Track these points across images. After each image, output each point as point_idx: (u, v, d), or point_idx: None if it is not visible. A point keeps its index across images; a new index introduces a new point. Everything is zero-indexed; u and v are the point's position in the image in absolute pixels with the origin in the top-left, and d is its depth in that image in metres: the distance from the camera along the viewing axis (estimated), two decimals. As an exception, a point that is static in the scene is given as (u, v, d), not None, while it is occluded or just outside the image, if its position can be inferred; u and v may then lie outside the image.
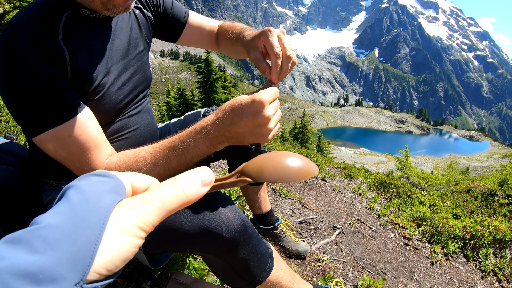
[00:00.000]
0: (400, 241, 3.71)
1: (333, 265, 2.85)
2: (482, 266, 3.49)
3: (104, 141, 1.24)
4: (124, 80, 1.40)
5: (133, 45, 1.46)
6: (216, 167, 4.93)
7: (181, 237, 1.27)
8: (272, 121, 1.03)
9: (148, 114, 1.63)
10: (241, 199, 3.40)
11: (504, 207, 7.00)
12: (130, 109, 1.48)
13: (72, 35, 1.19)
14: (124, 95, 1.40)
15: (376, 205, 4.87)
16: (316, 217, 3.83)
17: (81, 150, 1.17)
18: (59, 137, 1.14)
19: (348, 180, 6.38)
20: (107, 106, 1.33)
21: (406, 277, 3.03)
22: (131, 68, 1.43)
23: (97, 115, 1.27)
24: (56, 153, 1.17)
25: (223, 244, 1.28)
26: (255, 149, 2.09)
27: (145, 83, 1.56)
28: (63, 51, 1.15)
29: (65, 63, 1.15)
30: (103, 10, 1.20)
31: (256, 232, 1.43)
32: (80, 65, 1.20)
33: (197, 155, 1.09)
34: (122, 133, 1.46)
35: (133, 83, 1.45)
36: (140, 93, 1.53)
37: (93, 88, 1.26)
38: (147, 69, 1.57)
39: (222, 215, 1.29)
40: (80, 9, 1.22)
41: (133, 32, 1.47)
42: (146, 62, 1.56)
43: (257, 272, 1.40)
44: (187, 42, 1.80)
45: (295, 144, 15.58)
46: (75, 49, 1.19)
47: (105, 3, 1.17)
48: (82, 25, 1.24)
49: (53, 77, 1.10)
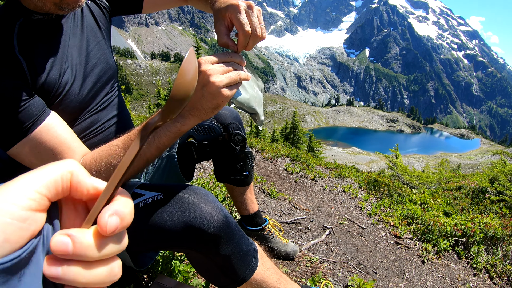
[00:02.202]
0: (391, 240, 3.68)
1: (323, 266, 2.80)
2: (474, 264, 3.47)
3: (75, 142, 1.24)
4: (85, 74, 1.40)
5: (90, 37, 1.46)
6: (204, 168, 4.87)
7: (163, 233, 1.26)
8: (213, 75, 0.99)
9: (119, 106, 1.62)
10: (229, 200, 3.34)
11: (495, 204, 7.04)
12: (99, 102, 1.49)
13: (27, 44, 1.20)
14: (88, 89, 1.41)
15: (366, 204, 4.84)
16: (306, 217, 3.79)
17: (53, 155, 1.19)
18: (30, 146, 1.15)
19: (339, 179, 6.35)
20: (73, 103, 1.34)
21: (397, 276, 3.00)
22: (91, 61, 1.43)
23: (64, 114, 1.28)
24: (31, 163, 1.19)
25: (205, 239, 1.27)
26: (240, 149, 2.06)
27: (109, 73, 1.54)
28: (20, 62, 1.15)
29: (23, 73, 1.16)
30: (56, 10, 1.20)
31: (239, 228, 1.42)
32: (39, 72, 1.21)
33: (167, 135, 1.07)
34: (94, 128, 1.47)
35: (96, 75, 1.45)
36: (106, 84, 1.53)
37: (55, 89, 1.27)
38: (109, 59, 1.55)
39: (204, 211, 1.27)
40: (32, 15, 1.22)
41: (88, 24, 1.46)
42: (107, 52, 1.55)
43: (241, 270, 1.39)
44: (153, 8, 1.73)
45: (286, 144, 15.57)
46: (32, 57, 1.20)
47: (57, 4, 1.16)
48: (36, 31, 1.25)
49: (13, 90, 1.11)
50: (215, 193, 3.43)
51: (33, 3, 1.17)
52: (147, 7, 1.70)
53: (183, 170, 1.94)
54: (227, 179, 2.21)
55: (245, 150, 2.11)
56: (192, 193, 1.32)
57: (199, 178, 3.96)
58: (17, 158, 1.18)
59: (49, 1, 1.15)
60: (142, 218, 1.25)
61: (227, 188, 2.38)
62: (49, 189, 0.39)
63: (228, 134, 1.96)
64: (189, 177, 2.03)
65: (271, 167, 6.07)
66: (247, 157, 2.14)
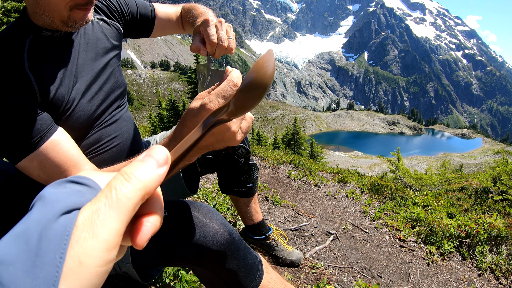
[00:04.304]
0: (395, 243, 3.70)
1: (328, 271, 2.82)
2: (479, 264, 3.48)
3: (81, 160, 1.25)
4: (94, 91, 1.41)
5: (100, 55, 1.47)
6: (208, 177, 4.89)
7: (168, 251, 1.28)
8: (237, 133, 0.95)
9: (127, 122, 1.63)
10: (233, 210, 3.36)
11: (498, 203, 7.02)
12: (106, 119, 1.49)
13: (37, 60, 1.22)
14: (96, 105, 1.42)
15: (370, 208, 4.85)
16: (309, 223, 3.81)
17: (59, 171, 1.20)
18: (38, 161, 1.16)
19: (341, 184, 6.36)
20: (81, 119, 1.35)
21: (402, 279, 3.01)
22: (100, 78, 1.45)
23: (71, 130, 1.30)
24: (39, 177, 1.20)
25: (210, 256, 1.29)
26: (244, 161, 2.07)
27: (119, 91, 1.57)
28: (29, 78, 1.17)
29: (32, 89, 1.18)
30: (64, 27, 1.23)
31: (244, 243, 1.43)
32: (48, 88, 1.23)
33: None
34: (101, 144, 1.47)
35: (105, 92, 1.47)
36: (115, 101, 1.54)
37: (64, 105, 1.28)
38: (119, 77, 1.58)
39: (208, 228, 1.30)
40: (42, 31, 1.24)
41: (100, 42, 1.48)
42: (117, 70, 1.58)
43: (246, 283, 1.40)
44: (159, 33, 1.86)
45: (288, 151, 15.56)
46: (42, 73, 1.22)
47: (65, 21, 1.20)
48: (46, 47, 1.27)
49: (22, 105, 1.13)
50: (219, 202, 3.45)
51: (42, 20, 1.20)
52: (155, 33, 1.83)
53: (187, 183, 1.96)
54: (232, 191, 2.23)
55: (249, 162, 2.12)
56: (196, 210, 1.35)
57: (203, 188, 3.97)
58: (25, 171, 1.20)
59: (57, 18, 1.19)
60: None
61: (232, 199, 2.39)
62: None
63: (232, 147, 1.97)
64: (193, 190, 2.05)
65: (273, 174, 6.09)
66: (251, 169, 2.15)
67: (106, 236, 0.35)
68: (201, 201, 2.87)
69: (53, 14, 1.17)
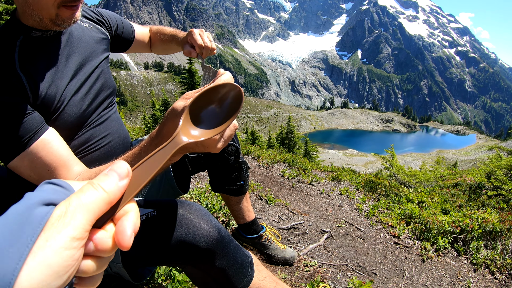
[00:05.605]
0: (390, 240, 3.69)
1: (322, 270, 2.80)
2: (474, 259, 3.48)
3: (71, 159, 1.27)
4: (85, 91, 1.45)
5: (90, 56, 1.52)
6: (201, 178, 4.87)
7: (158, 250, 1.28)
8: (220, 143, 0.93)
9: (116, 122, 1.67)
10: (225, 209, 3.34)
11: (492, 199, 7.05)
12: (96, 118, 1.52)
13: (27, 60, 1.25)
14: (86, 104, 1.45)
15: (364, 206, 4.85)
16: (303, 222, 3.79)
17: (49, 170, 1.22)
18: (28, 160, 1.19)
19: (336, 182, 6.36)
20: (71, 118, 1.38)
21: (397, 276, 3.00)
22: (90, 78, 1.49)
23: (62, 129, 1.33)
24: (30, 176, 1.23)
25: (199, 254, 1.29)
26: (234, 159, 2.07)
27: (108, 91, 1.61)
28: (21, 78, 1.20)
29: (24, 89, 1.21)
30: (53, 26, 1.26)
31: (234, 241, 1.44)
32: (39, 88, 1.26)
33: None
34: (91, 143, 1.50)
35: (95, 92, 1.51)
36: (104, 101, 1.58)
37: (55, 104, 1.31)
38: (109, 77, 1.63)
39: (197, 226, 1.30)
40: (31, 32, 1.28)
41: (90, 44, 1.54)
42: (107, 71, 1.63)
43: (237, 281, 1.40)
44: (133, 51, 2.08)
45: (282, 150, 15.56)
46: (33, 73, 1.25)
47: (54, 20, 1.23)
48: (36, 48, 1.30)
49: (13, 105, 1.16)
50: (212, 202, 3.43)
51: (32, 19, 1.23)
52: (129, 50, 2.04)
53: (178, 182, 1.97)
54: (223, 189, 2.23)
55: (239, 160, 2.12)
56: (185, 208, 1.34)
57: (196, 188, 3.95)
58: (16, 171, 1.21)
59: (46, 17, 1.21)
60: (137, 236, 1.25)
61: (223, 198, 2.39)
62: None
63: None
64: (185, 189, 2.06)
65: (267, 173, 6.08)
66: (241, 167, 2.16)
67: (72, 227, 0.41)
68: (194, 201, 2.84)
69: (42, 12, 1.20)
